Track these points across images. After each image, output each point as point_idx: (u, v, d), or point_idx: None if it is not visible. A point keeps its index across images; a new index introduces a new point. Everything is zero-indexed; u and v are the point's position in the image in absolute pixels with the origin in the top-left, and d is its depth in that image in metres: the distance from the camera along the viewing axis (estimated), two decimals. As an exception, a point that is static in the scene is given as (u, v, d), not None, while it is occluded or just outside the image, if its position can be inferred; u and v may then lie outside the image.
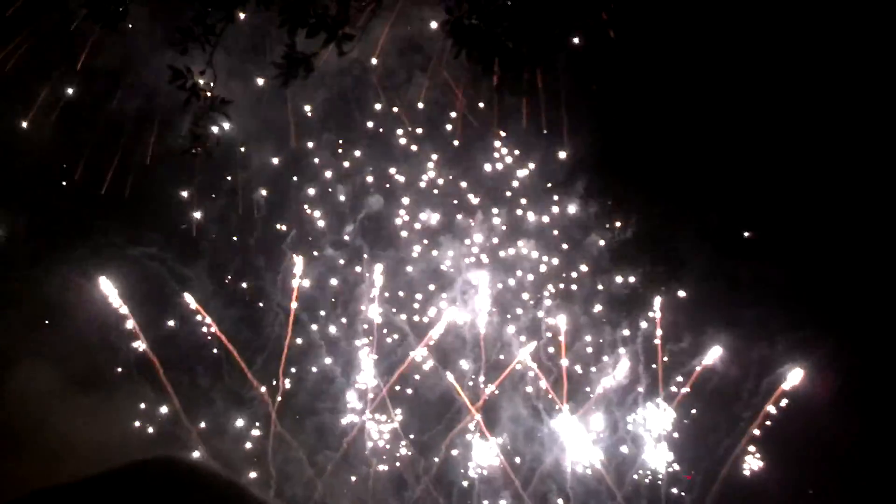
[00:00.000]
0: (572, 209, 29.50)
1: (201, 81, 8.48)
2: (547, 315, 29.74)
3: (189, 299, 28.17)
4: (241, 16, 9.31)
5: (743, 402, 28.39)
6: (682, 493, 28.72)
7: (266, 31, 24.17)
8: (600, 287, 29.73)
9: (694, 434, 28.94)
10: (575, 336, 29.65)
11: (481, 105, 27.98)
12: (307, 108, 28.08)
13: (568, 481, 28.87)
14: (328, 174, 29.24)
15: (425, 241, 29.72)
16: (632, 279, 29.55)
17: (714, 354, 28.58)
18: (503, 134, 28.47)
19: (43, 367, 26.06)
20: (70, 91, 25.89)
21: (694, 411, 29.00)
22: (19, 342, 26.16)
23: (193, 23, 8.51)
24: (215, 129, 8.88)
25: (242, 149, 27.67)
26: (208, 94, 8.66)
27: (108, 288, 27.39)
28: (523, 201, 29.66)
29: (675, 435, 29.03)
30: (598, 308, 29.72)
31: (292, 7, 8.01)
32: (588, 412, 29.30)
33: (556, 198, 29.47)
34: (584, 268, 29.67)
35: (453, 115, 28.35)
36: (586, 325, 29.75)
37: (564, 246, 29.75)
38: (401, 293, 29.72)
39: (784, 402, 27.97)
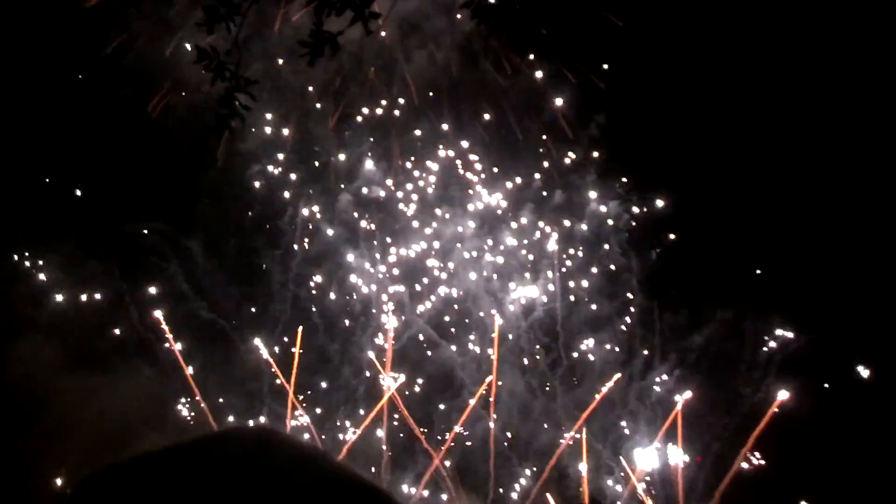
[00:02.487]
0: (587, 192, 29.38)
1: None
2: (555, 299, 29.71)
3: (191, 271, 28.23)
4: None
5: (751, 390, 28.27)
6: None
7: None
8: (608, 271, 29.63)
9: (701, 420, 28.82)
10: (584, 322, 29.60)
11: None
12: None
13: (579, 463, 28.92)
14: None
15: (435, 220, 29.66)
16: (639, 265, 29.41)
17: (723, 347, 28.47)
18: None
19: (47, 343, 26.26)
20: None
21: (700, 396, 28.87)
22: (21, 319, 26.37)
23: (218, 2, 8.46)
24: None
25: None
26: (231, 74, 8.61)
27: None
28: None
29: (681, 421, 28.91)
30: (607, 292, 29.61)
31: (319, -15, 7.94)
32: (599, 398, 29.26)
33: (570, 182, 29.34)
34: (594, 252, 29.57)
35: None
36: (597, 311, 29.68)
37: (571, 225, 29.63)
38: (410, 275, 29.73)
39: (789, 396, 27.79)
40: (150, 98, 26.07)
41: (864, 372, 26.95)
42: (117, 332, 27.95)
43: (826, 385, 27.61)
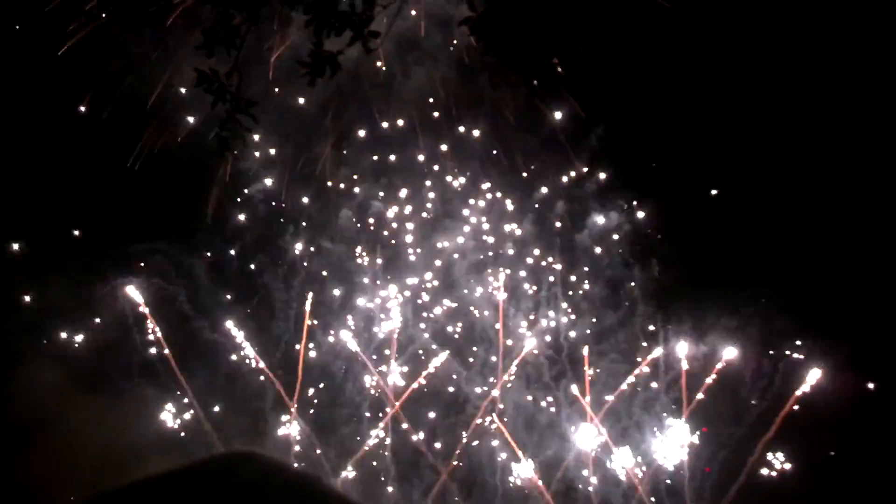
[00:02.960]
0: (592, 205, 29.43)
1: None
2: (562, 312, 29.69)
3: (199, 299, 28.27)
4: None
5: (760, 400, 28.18)
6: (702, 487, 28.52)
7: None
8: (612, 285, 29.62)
9: (711, 430, 28.73)
10: (592, 334, 29.57)
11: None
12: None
13: (588, 475, 28.78)
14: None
15: (438, 234, 29.74)
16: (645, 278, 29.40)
17: (729, 354, 28.40)
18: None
19: (52, 367, 26.24)
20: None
21: (709, 407, 28.77)
22: (28, 343, 26.36)
23: (217, 25, 8.50)
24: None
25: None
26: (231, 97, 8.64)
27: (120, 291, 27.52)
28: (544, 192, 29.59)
29: (692, 430, 28.84)
30: (615, 306, 29.59)
31: (318, 6, 7.98)
32: (605, 408, 29.19)
33: (575, 193, 29.39)
34: (598, 266, 29.58)
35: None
36: (605, 324, 29.65)
37: (578, 241, 29.67)
38: (416, 289, 29.73)
39: (801, 401, 27.68)
40: (149, 122, 26.22)
41: (872, 376, 26.80)
42: (121, 353, 27.94)
43: (836, 392, 27.43)
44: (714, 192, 27.50)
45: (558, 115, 27.51)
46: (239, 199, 28.91)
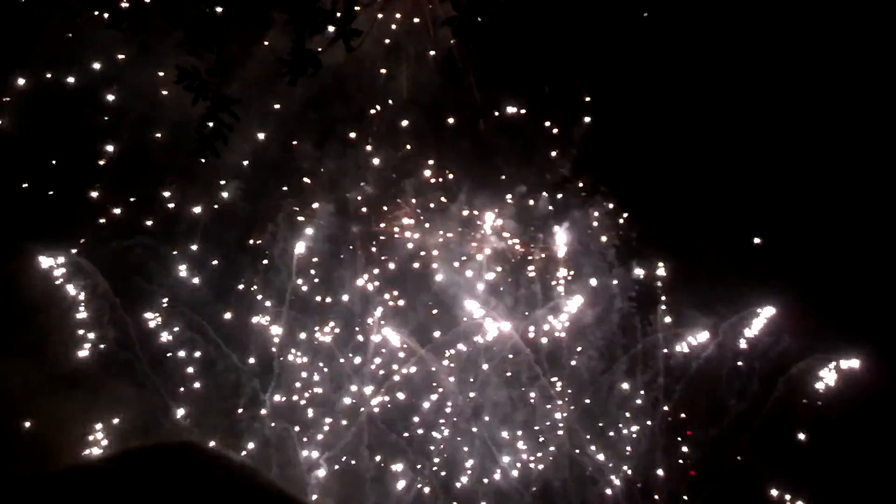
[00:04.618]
0: (578, 208, 29.50)
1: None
2: (548, 310, 29.81)
3: (174, 287, 28.06)
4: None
5: (745, 400, 28.40)
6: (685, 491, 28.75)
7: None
8: (601, 285, 29.76)
9: (695, 432, 28.94)
10: (578, 331, 29.69)
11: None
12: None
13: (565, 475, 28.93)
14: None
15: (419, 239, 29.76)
16: (638, 276, 29.50)
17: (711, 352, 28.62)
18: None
19: (20, 361, 25.93)
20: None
21: (692, 408, 28.96)
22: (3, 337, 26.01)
23: (199, 22, 8.47)
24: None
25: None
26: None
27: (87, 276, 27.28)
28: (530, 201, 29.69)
29: (676, 431, 29.04)
30: (603, 306, 29.69)
31: (299, 4, 7.98)
32: (588, 407, 29.35)
33: (560, 196, 29.43)
34: (586, 267, 29.72)
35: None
36: (589, 322, 29.79)
37: (568, 243, 29.77)
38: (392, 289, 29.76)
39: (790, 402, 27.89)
40: (131, 117, 26.04)
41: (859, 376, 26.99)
42: (100, 348, 27.69)
43: (820, 392, 27.67)
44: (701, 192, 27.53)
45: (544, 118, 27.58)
46: (216, 195, 28.68)
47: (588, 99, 26.70)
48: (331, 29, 8.25)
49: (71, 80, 25.56)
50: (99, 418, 26.41)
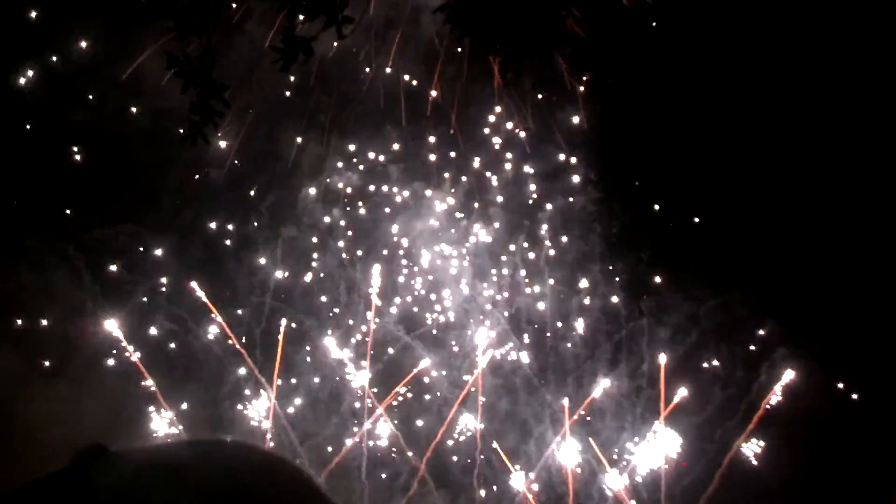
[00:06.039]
0: (571, 198, 29.44)
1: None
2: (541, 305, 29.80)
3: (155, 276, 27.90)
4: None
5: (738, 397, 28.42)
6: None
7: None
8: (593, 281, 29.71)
9: (690, 425, 28.90)
10: (569, 327, 29.69)
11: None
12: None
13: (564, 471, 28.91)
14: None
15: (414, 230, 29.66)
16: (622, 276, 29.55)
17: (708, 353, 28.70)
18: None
19: (13, 356, 25.73)
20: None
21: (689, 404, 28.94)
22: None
23: (189, 8, 8.37)
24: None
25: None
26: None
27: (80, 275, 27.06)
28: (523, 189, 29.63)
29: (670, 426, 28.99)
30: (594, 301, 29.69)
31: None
32: (584, 406, 29.31)
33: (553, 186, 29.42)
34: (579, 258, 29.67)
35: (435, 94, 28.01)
36: (581, 316, 29.74)
37: (560, 235, 29.72)
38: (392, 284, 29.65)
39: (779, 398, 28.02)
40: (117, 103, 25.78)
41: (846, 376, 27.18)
42: (83, 340, 27.44)
43: (817, 387, 27.81)
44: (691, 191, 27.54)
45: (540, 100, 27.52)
46: (205, 185, 28.47)
47: (582, 89, 26.69)
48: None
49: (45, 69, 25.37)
50: (85, 410, 26.36)
